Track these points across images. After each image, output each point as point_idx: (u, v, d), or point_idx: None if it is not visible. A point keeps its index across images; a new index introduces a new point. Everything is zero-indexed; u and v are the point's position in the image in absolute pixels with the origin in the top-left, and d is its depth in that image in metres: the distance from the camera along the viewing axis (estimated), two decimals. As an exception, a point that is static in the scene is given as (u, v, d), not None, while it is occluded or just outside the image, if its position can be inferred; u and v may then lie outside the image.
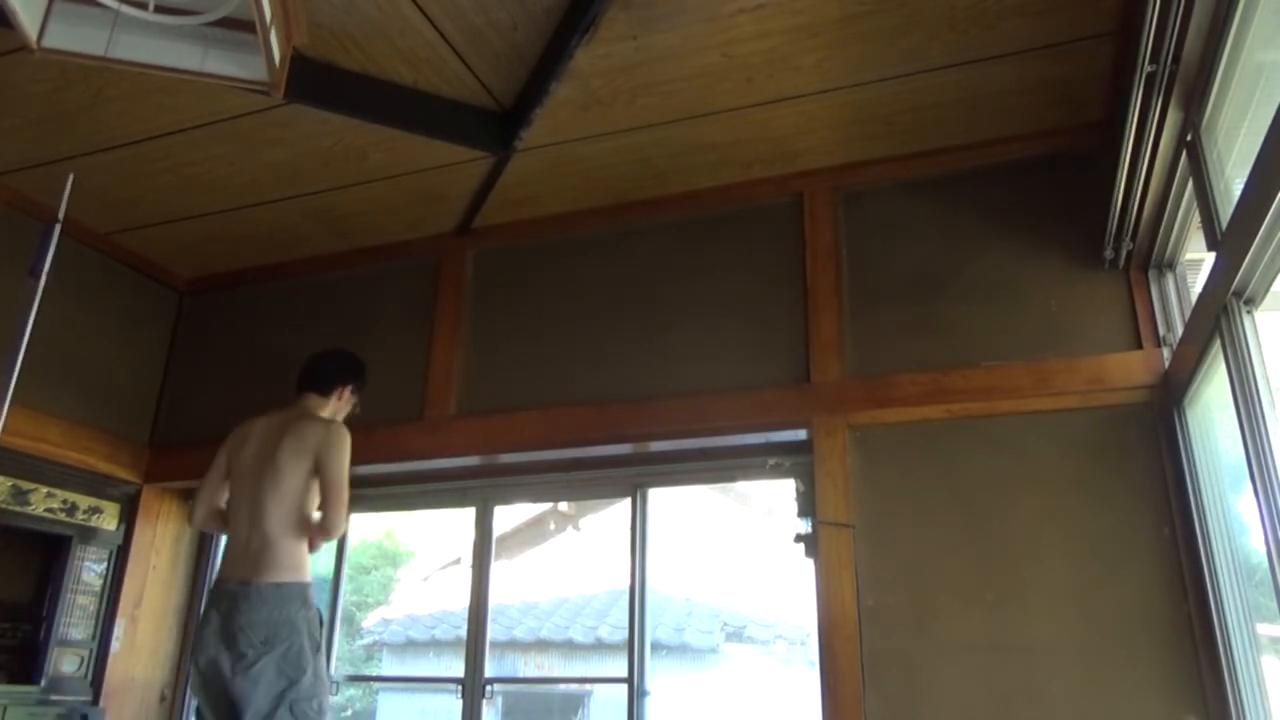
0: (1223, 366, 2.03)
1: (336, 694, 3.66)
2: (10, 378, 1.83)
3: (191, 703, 3.86)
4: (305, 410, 2.68)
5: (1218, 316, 2.01)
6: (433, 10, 2.45)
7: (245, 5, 1.69)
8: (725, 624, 6.47)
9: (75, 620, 3.53)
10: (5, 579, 3.52)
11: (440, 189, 3.35)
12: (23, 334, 1.82)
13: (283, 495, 2.49)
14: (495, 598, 3.52)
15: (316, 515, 2.55)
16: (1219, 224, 2.01)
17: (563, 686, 6.66)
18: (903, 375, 2.83)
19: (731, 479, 3.41)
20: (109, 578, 3.68)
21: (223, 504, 2.66)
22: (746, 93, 2.78)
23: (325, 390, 2.74)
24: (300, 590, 2.44)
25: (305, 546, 2.51)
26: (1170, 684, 2.36)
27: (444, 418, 3.38)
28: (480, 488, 3.61)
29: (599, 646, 6.49)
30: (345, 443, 2.58)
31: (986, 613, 2.56)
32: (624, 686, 3.14)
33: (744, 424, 3.00)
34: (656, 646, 4.17)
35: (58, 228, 1.83)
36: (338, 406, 2.77)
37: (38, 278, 1.77)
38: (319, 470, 2.53)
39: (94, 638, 3.59)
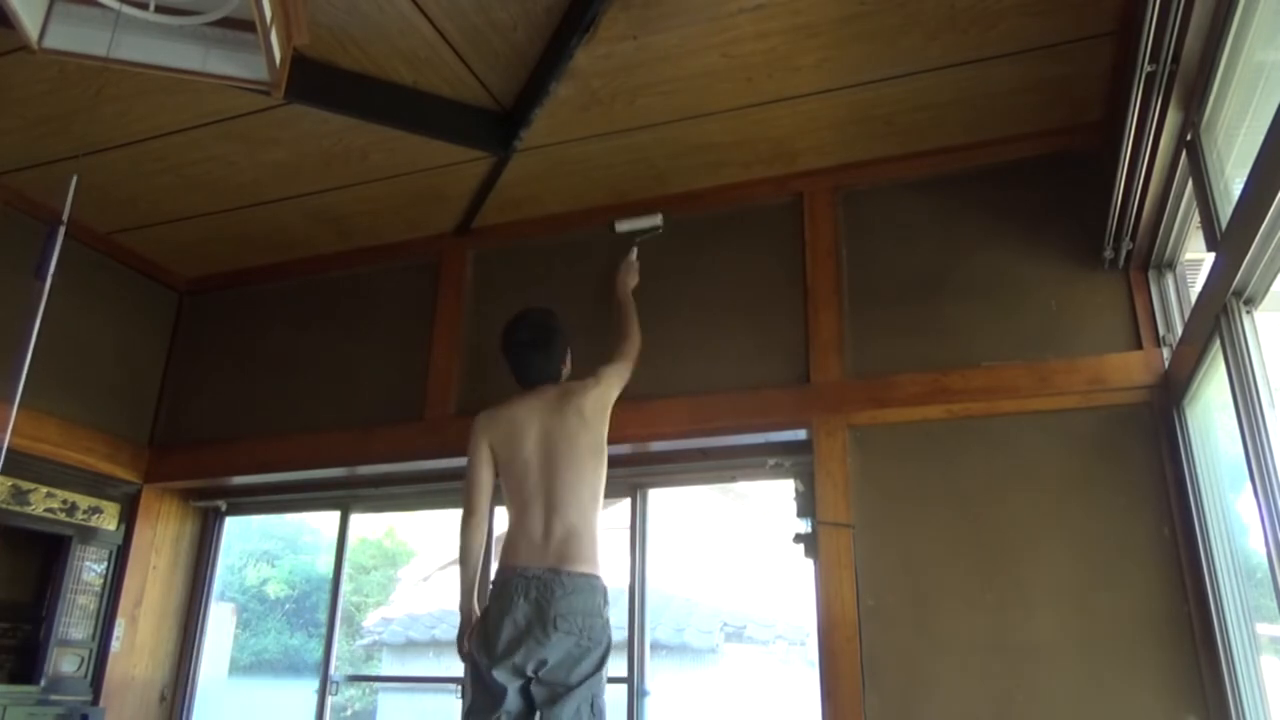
0: (1222, 366, 2.03)
1: (336, 694, 3.66)
2: (18, 381, 1.83)
3: (194, 703, 3.86)
4: (561, 388, 2.73)
5: (1217, 316, 2.01)
6: (433, 10, 2.45)
7: (245, 5, 1.69)
8: (725, 624, 6.47)
9: (75, 620, 3.54)
10: (5, 579, 3.52)
11: (440, 189, 3.35)
12: (30, 337, 1.81)
13: (580, 478, 2.54)
14: (495, 598, 3.50)
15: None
16: (1219, 224, 2.01)
17: (562, 686, 6.63)
18: (903, 375, 2.83)
19: (731, 479, 3.40)
20: (109, 578, 3.68)
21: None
22: (746, 93, 2.78)
23: (557, 378, 2.78)
24: (604, 585, 2.48)
25: (600, 538, 2.52)
26: (1170, 684, 2.36)
27: (444, 418, 3.38)
28: (480, 488, 3.60)
29: (598, 646, 6.46)
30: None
31: (986, 613, 2.57)
32: (623, 686, 3.14)
33: (744, 424, 2.99)
34: (656, 646, 4.17)
35: (62, 229, 1.82)
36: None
37: (43, 279, 1.77)
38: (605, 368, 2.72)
39: (94, 638, 3.59)
